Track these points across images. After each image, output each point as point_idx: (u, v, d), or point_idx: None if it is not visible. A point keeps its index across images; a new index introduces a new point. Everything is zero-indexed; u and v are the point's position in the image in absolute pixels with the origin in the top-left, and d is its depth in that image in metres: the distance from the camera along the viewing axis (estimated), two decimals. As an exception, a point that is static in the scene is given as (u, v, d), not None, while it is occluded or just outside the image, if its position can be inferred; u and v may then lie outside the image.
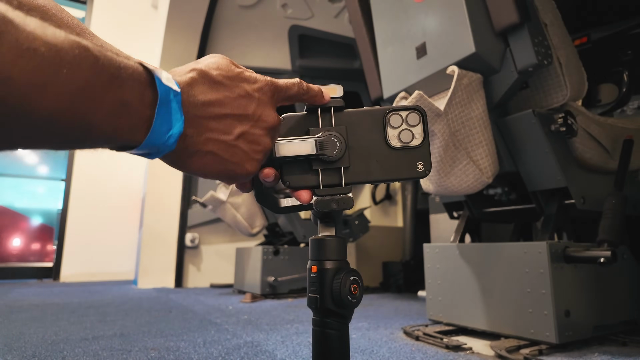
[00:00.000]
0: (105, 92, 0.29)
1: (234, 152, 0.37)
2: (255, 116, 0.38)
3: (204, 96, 0.36)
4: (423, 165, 0.45)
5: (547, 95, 1.22)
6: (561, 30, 1.18)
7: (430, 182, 1.24)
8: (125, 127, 0.31)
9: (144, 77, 0.32)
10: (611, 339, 1.18)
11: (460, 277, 1.33)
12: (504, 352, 1.04)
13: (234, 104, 0.37)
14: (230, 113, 0.37)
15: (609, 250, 1.04)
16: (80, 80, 0.27)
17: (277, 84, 0.41)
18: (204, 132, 0.36)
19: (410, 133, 0.45)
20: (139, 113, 0.31)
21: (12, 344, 1.18)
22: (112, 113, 0.30)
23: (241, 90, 0.38)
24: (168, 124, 0.33)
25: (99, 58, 0.29)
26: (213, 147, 0.36)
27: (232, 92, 0.37)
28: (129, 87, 0.31)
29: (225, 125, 0.36)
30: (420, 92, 1.07)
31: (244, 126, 0.37)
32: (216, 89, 0.36)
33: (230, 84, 0.37)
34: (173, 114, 0.33)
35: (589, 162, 1.24)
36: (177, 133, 0.34)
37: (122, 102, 0.30)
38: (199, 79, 0.36)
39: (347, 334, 0.45)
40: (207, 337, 1.28)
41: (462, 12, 1.12)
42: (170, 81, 0.33)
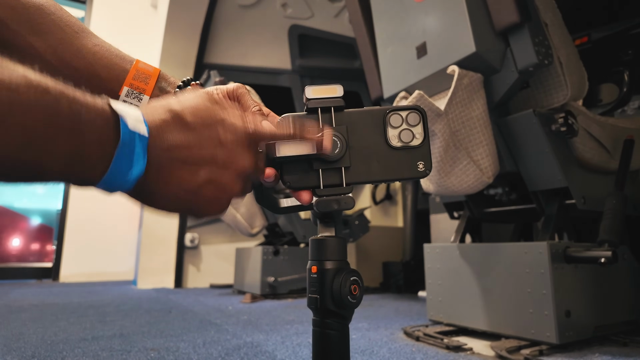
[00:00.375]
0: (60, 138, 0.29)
1: (198, 197, 0.37)
2: (226, 162, 0.37)
3: (173, 138, 0.35)
4: (424, 165, 0.45)
5: (548, 95, 1.21)
6: (562, 30, 1.18)
7: (430, 182, 1.24)
8: (81, 170, 0.31)
9: (109, 120, 0.31)
10: (612, 339, 1.18)
11: (460, 277, 1.32)
12: (505, 352, 1.04)
13: (204, 146, 0.36)
14: (198, 156, 0.36)
15: (609, 250, 1.04)
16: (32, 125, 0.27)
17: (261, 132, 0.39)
18: (167, 176, 0.35)
19: (410, 133, 0.45)
20: (97, 155, 0.31)
21: (12, 345, 1.18)
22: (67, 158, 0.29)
23: (214, 135, 0.37)
24: (128, 165, 0.32)
25: (59, 101, 0.28)
26: (175, 190, 0.36)
27: (203, 134, 0.36)
28: (88, 131, 0.30)
29: (191, 169, 0.36)
30: (420, 92, 1.07)
31: (211, 172, 0.36)
32: (187, 133, 0.35)
33: (204, 129, 0.36)
34: (135, 156, 0.32)
35: (589, 162, 1.24)
36: (136, 175, 0.33)
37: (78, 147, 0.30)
38: (172, 121, 0.35)
39: (347, 335, 0.45)
40: (207, 338, 1.28)
41: (462, 11, 1.12)
42: (139, 123, 0.33)
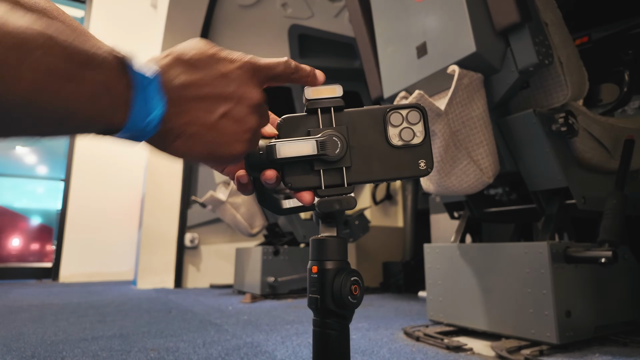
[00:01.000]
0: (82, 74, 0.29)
1: (219, 132, 0.37)
2: (237, 95, 0.37)
3: (182, 78, 0.35)
4: (425, 163, 0.45)
5: (548, 95, 1.21)
6: (562, 30, 1.17)
7: (430, 182, 1.24)
8: (107, 109, 0.31)
9: (116, 64, 0.32)
10: (612, 339, 1.18)
11: (460, 277, 1.32)
12: (505, 352, 1.04)
13: (213, 84, 0.36)
14: (210, 93, 0.36)
15: (610, 250, 1.04)
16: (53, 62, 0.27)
17: (258, 63, 0.40)
18: (186, 114, 0.35)
19: (411, 131, 0.45)
20: (118, 95, 0.31)
21: (11, 345, 1.18)
22: (92, 94, 0.30)
23: (218, 71, 0.37)
24: (147, 107, 0.33)
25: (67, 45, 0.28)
26: (197, 129, 0.36)
27: (208, 72, 0.37)
28: (104, 71, 0.30)
29: (206, 105, 0.36)
30: (420, 92, 1.07)
31: (226, 106, 0.37)
32: (193, 71, 0.36)
33: (207, 65, 0.37)
34: (152, 98, 0.33)
35: (589, 162, 1.24)
36: (159, 116, 0.33)
37: (100, 83, 0.30)
38: (175, 62, 0.36)
39: (348, 335, 0.45)
40: (207, 338, 1.28)
41: (462, 11, 1.12)
42: (144, 67, 0.33)
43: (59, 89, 0.28)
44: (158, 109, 0.33)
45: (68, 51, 0.28)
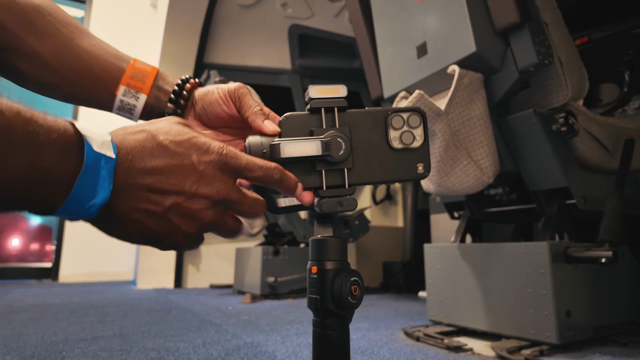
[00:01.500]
0: (15, 158, 0.27)
1: (164, 223, 0.35)
2: (192, 190, 0.35)
3: (142, 163, 0.33)
4: (423, 166, 0.45)
5: (548, 95, 1.21)
6: (562, 30, 1.17)
7: (430, 182, 1.24)
8: (39, 194, 0.29)
9: (72, 142, 0.30)
10: (612, 339, 1.18)
11: (460, 277, 1.32)
12: (505, 352, 1.04)
13: (171, 173, 0.34)
14: (165, 184, 0.34)
15: (610, 250, 1.03)
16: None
17: (235, 160, 0.37)
18: (132, 201, 0.33)
19: (411, 135, 0.45)
20: (57, 180, 0.30)
21: (11, 345, 1.18)
22: (22, 179, 0.28)
23: (186, 159, 0.35)
24: (92, 192, 0.31)
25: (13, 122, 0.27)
26: (139, 217, 0.34)
27: (174, 159, 0.35)
28: (47, 152, 0.29)
29: (156, 197, 0.34)
30: (420, 92, 1.07)
31: (176, 198, 0.35)
32: (158, 156, 0.34)
33: (176, 151, 0.35)
34: (100, 182, 0.31)
35: (589, 162, 1.24)
36: (100, 202, 0.32)
37: (35, 168, 0.28)
38: (143, 142, 0.34)
39: (348, 335, 0.45)
40: (207, 338, 1.28)
41: (462, 11, 1.12)
42: (105, 146, 0.31)
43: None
44: (102, 195, 0.31)
45: (6, 130, 0.27)
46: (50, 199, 0.30)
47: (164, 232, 0.35)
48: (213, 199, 0.36)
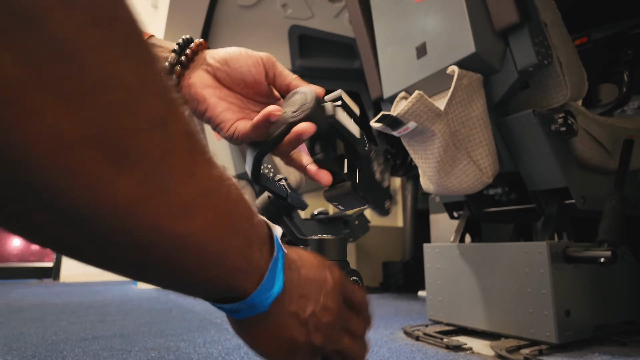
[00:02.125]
0: (243, 226, 0.28)
1: (303, 332, 0.35)
2: (324, 302, 0.36)
3: (300, 264, 0.35)
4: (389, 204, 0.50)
5: (547, 95, 1.21)
6: (561, 30, 1.18)
7: (430, 182, 1.24)
8: (244, 274, 0.29)
9: (265, 230, 0.31)
10: (611, 339, 1.18)
11: (460, 277, 1.33)
12: (504, 352, 1.04)
13: (316, 284, 0.35)
14: (312, 291, 0.35)
15: (609, 250, 1.04)
16: (230, 207, 0.26)
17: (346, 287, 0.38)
18: (288, 301, 0.33)
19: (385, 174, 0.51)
20: (256, 265, 0.30)
21: (12, 344, 1.18)
22: (241, 251, 0.28)
23: (325, 274, 0.37)
24: (273, 282, 0.31)
25: (239, 200, 0.28)
26: (289, 322, 0.34)
27: (320, 271, 0.36)
28: (256, 233, 0.30)
29: (304, 301, 0.34)
30: (420, 92, 1.07)
31: (314, 306, 0.35)
32: (310, 263, 0.36)
33: (321, 265, 0.37)
34: (278, 272, 0.32)
35: (589, 162, 1.24)
36: (277, 292, 0.32)
37: (249, 244, 0.29)
38: (295, 249, 0.36)
39: None
40: (207, 337, 1.28)
41: (462, 12, 1.12)
42: (280, 239, 0.33)
43: (217, 240, 0.26)
44: (278, 286, 0.32)
45: (236, 204, 0.27)
46: (247, 282, 0.30)
47: (303, 342, 0.35)
48: (331, 315, 0.36)
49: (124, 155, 0.20)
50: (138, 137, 0.20)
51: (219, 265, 0.28)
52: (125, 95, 0.19)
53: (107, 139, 0.19)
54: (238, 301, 0.31)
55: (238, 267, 0.29)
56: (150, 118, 0.20)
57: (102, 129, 0.19)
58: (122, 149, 0.19)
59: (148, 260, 0.25)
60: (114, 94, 0.19)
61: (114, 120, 0.19)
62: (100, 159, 0.19)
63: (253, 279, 0.30)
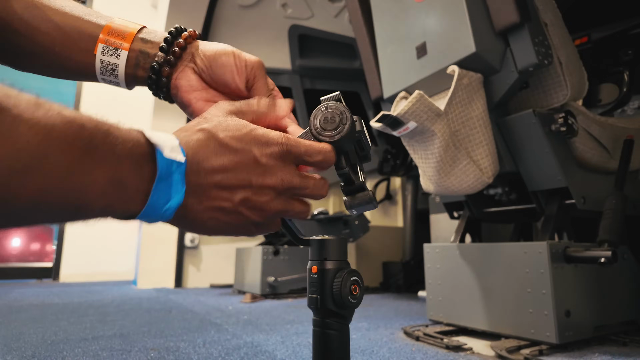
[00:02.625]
0: (98, 171, 0.28)
1: (236, 217, 0.36)
2: (258, 182, 0.36)
3: (208, 162, 0.34)
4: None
5: (548, 95, 1.21)
6: (561, 30, 1.18)
7: (430, 182, 1.24)
8: (120, 203, 0.30)
9: (144, 151, 0.31)
10: (611, 339, 1.18)
11: (460, 277, 1.32)
12: (505, 352, 1.04)
13: (237, 169, 0.35)
14: (232, 180, 0.35)
15: (609, 250, 1.04)
16: (70, 161, 0.27)
17: (296, 148, 0.38)
18: (204, 201, 0.34)
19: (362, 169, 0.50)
20: (135, 188, 0.30)
21: (12, 344, 1.18)
22: (105, 191, 0.29)
23: (248, 154, 0.36)
24: (167, 196, 0.32)
25: (94, 135, 0.28)
26: (213, 214, 0.35)
27: (237, 156, 0.35)
28: (125, 163, 0.30)
29: (226, 193, 0.35)
30: (420, 92, 1.07)
31: (245, 192, 0.36)
32: (222, 153, 0.35)
33: (238, 147, 0.35)
34: (173, 186, 0.32)
35: (589, 162, 1.24)
36: (176, 205, 0.32)
37: (115, 179, 0.29)
38: (206, 141, 0.35)
39: (348, 335, 0.45)
40: (207, 338, 1.28)
41: (462, 11, 1.12)
42: (175, 151, 0.32)
43: (72, 189, 0.27)
44: (176, 198, 0.32)
45: (90, 145, 0.28)
46: (129, 207, 0.31)
47: (238, 224, 0.37)
48: (278, 189, 0.37)
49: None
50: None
51: (82, 212, 0.29)
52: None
53: None
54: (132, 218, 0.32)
55: (105, 205, 0.30)
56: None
57: None
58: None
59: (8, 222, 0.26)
60: None
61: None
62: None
63: (134, 202, 0.31)
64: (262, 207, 0.37)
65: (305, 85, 3.30)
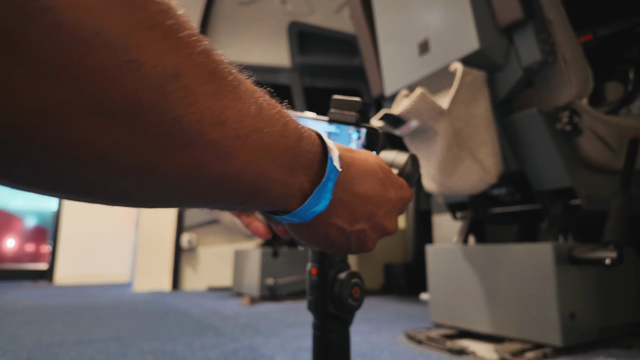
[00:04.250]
0: (283, 158, 0.28)
1: (344, 240, 0.36)
2: (379, 221, 0.36)
3: (356, 184, 0.34)
4: None
5: (552, 94, 1.20)
6: (566, 28, 1.16)
7: (433, 182, 1.22)
8: (285, 198, 0.30)
9: (317, 151, 0.31)
10: (616, 341, 1.16)
11: (463, 279, 1.31)
12: (508, 355, 1.02)
13: (373, 201, 0.35)
14: (364, 209, 0.35)
15: (614, 251, 1.02)
16: (273, 137, 0.26)
17: (410, 197, 0.40)
18: (335, 216, 0.34)
19: None
20: (299, 186, 0.30)
21: (6, 347, 1.16)
22: (283, 182, 0.29)
23: (387, 192, 0.36)
24: (317, 201, 0.31)
25: (288, 124, 0.28)
26: (332, 230, 0.35)
27: (379, 188, 0.36)
28: (302, 158, 0.29)
29: (352, 216, 0.35)
30: (422, 90, 1.05)
31: (365, 225, 0.36)
32: (369, 180, 0.35)
33: (384, 181, 0.36)
34: (326, 192, 0.32)
35: (594, 161, 1.22)
36: (319, 210, 0.32)
37: (292, 172, 0.29)
38: (361, 163, 0.35)
39: (348, 338, 0.44)
40: (205, 341, 1.26)
41: (465, 7, 1.11)
42: (337, 160, 0.32)
43: (262, 172, 0.27)
44: (322, 205, 0.32)
45: (286, 131, 0.27)
46: (289, 204, 0.31)
47: (341, 245, 0.37)
48: (386, 233, 0.38)
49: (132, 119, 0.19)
50: (149, 96, 0.19)
51: (258, 196, 0.28)
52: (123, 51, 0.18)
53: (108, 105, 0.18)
54: (281, 214, 0.32)
55: (278, 194, 0.29)
56: (159, 73, 0.19)
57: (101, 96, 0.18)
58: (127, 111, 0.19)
59: (188, 196, 0.25)
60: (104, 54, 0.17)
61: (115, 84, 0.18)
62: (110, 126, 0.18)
63: (295, 201, 0.31)
64: (366, 242, 0.37)
65: (305, 83, 3.29)
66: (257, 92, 0.26)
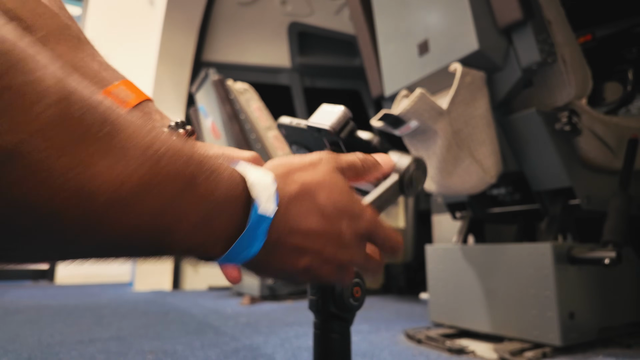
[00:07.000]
0: (192, 211, 0.26)
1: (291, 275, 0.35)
2: (329, 255, 0.34)
3: (295, 223, 0.32)
4: None
5: (551, 94, 1.20)
6: (565, 28, 1.16)
7: (432, 182, 1.22)
8: (202, 247, 0.29)
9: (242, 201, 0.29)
10: (616, 341, 1.17)
11: (463, 278, 1.31)
12: (508, 355, 1.02)
13: (319, 237, 0.33)
14: (309, 245, 0.33)
15: (613, 251, 1.02)
16: (171, 195, 0.24)
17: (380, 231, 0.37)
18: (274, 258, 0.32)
19: None
20: (220, 234, 0.29)
21: (7, 347, 1.16)
22: (193, 233, 0.27)
23: (336, 225, 0.34)
24: (246, 246, 0.30)
25: (196, 175, 0.26)
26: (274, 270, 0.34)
27: (326, 224, 0.33)
28: (217, 210, 0.28)
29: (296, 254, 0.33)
30: (422, 90, 1.05)
31: (313, 261, 0.34)
32: (312, 217, 0.33)
33: (331, 216, 0.33)
34: (256, 240, 0.30)
35: (593, 161, 1.23)
36: (250, 255, 0.31)
37: (206, 222, 0.27)
38: (302, 198, 0.32)
39: (349, 338, 0.44)
40: (205, 341, 1.26)
41: (465, 8, 1.11)
42: (269, 202, 0.30)
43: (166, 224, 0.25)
44: (253, 251, 0.30)
45: (194, 180, 0.26)
46: (209, 252, 0.30)
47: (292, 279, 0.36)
48: (343, 264, 0.36)
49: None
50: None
51: (167, 249, 0.27)
52: None
53: None
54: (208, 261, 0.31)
55: (192, 244, 0.28)
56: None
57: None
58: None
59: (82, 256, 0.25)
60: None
61: None
62: None
63: (216, 248, 0.29)
64: (320, 275, 0.35)
65: (305, 84, 3.29)
66: (155, 144, 0.23)
